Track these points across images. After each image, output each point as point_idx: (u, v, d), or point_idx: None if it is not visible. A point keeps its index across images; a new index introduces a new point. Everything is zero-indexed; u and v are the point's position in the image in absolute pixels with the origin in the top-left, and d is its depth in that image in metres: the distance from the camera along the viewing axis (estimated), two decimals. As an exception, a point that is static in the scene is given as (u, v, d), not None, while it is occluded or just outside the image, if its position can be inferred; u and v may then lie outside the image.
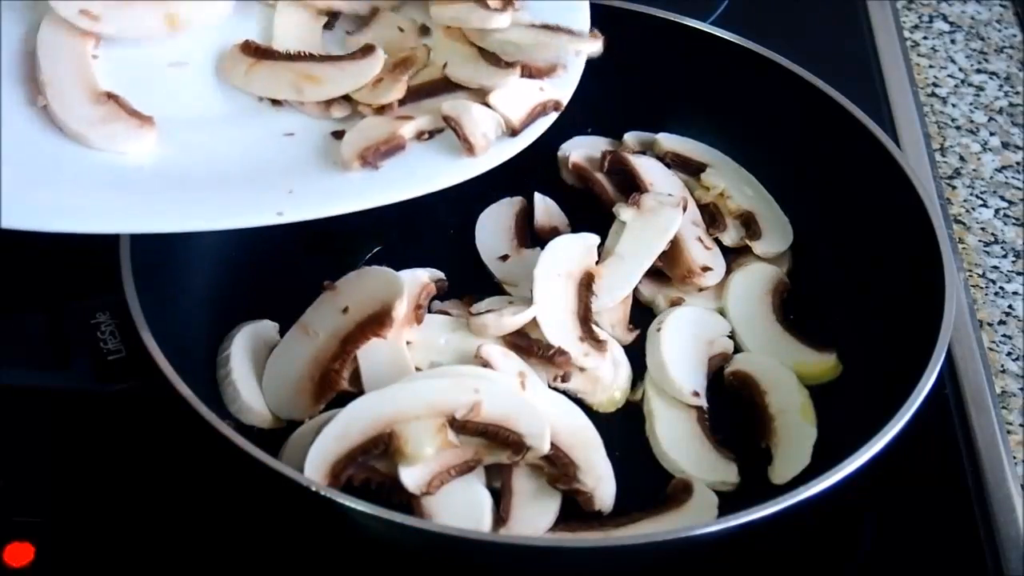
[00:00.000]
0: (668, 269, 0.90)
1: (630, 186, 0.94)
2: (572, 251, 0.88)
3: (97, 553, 0.75)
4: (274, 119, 0.82)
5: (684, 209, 0.91)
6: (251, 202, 0.75)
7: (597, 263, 0.88)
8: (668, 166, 0.96)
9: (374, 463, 0.74)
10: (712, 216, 0.94)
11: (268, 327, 0.85)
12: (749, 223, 0.93)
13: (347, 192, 0.76)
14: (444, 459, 0.75)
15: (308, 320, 0.83)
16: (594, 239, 0.89)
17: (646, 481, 0.79)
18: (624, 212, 0.90)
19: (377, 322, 0.81)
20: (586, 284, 0.86)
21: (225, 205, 0.74)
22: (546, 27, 0.84)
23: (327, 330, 0.82)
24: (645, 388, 0.84)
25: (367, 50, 0.84)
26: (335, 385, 0.80)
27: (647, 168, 0.95)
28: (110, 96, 0.77)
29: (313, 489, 0.68)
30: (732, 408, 0.84)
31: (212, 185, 0.76)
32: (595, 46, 0.84)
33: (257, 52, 0.83)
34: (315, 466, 0.73)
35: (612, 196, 0.94)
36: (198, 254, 0.86)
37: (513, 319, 0.82)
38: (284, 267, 0.90)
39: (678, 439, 0.81)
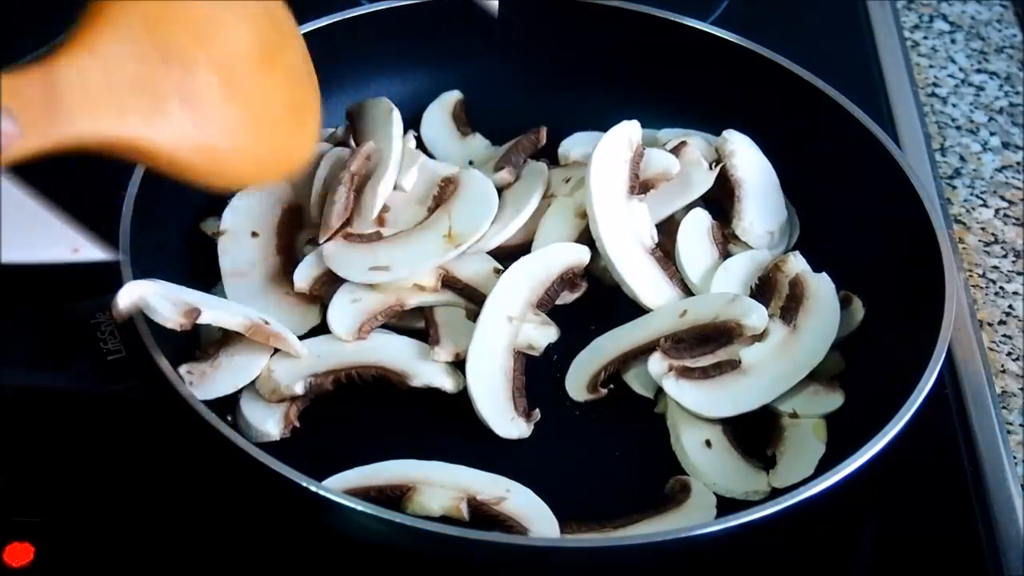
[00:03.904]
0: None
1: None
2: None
3: (97, 553, 0.75)
4: None
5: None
6: None
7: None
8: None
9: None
10: (721, 209, 0.94)
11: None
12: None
13: None
14: (370, 305, 0.83)
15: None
16: None
17: (645, 482, 0.79)
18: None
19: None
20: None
21: None
22: None
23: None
24: (669, 400, 0.82)
25: None
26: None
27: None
28: None
29: (312, 489, 0.68)
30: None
31: None
32: None
33: None
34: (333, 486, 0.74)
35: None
36: (196, 257, 0.86)
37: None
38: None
39: (706, 451, 0.80)
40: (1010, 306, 0.96)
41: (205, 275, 0.86)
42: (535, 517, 0.75)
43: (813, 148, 0.95)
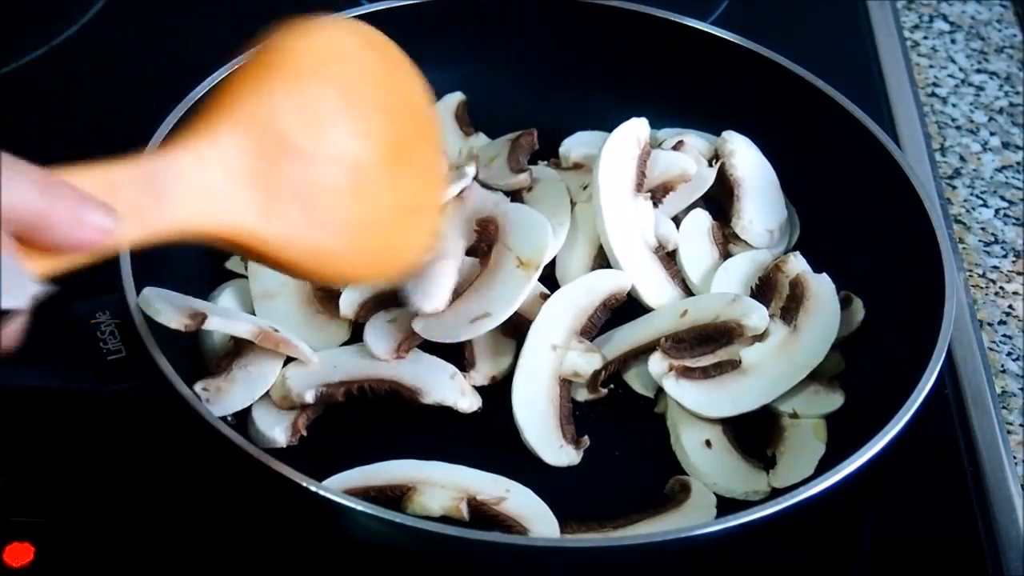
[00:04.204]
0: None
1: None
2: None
3: (97, 553, 0.75)
4: None
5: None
6: None
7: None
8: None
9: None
10: (721, 209, 0.94)
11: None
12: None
13: None
14: (408, 324, 0.81)
15: None
16: None
17: (645, 482, 0.80)
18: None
19: None
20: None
21: None
22: None
23: None
24: (669, 400, 0.83)
25: None
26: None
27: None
28: None
29: (312, 489, 0.68)
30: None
31: None
32: None
33: None
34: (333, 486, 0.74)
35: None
36: (198, 254, 0.86)
37: None
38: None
39: (707, 451, 0.80)
40: (1010, 306, 0.96)
41: (206, 278, 0.86)
42: (535, 517, 0.75)
43: (813, 148, 0.95)
